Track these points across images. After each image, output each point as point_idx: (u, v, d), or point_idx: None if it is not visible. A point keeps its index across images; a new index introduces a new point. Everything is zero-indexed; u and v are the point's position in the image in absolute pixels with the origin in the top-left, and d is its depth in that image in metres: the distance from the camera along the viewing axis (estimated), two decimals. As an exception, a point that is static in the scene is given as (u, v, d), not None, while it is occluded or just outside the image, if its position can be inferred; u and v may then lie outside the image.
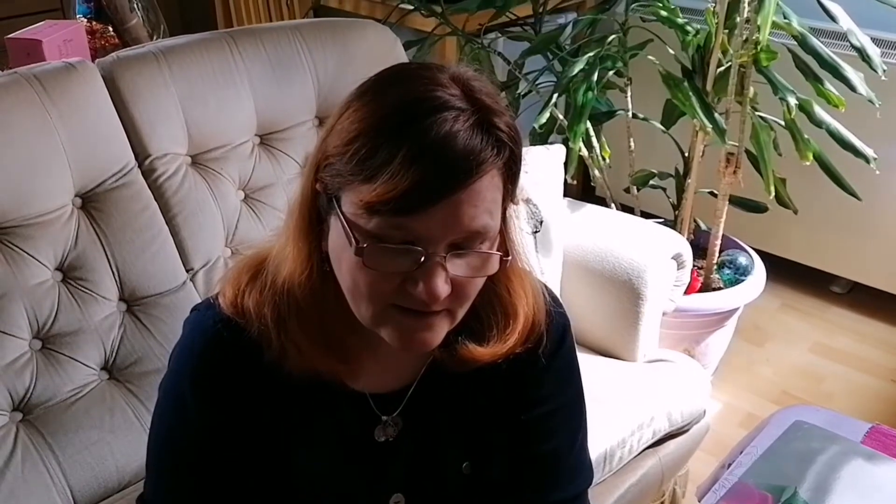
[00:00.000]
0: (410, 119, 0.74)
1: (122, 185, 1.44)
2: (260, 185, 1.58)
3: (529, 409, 0.99)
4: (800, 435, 1.42)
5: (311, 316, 0.85)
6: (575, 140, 1.85)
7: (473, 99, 0.77)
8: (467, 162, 0.74)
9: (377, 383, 0.93)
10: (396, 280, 0.78)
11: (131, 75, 1.46)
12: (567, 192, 1.90)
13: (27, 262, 1.32)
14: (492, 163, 0.76)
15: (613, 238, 1.79)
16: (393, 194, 0.73)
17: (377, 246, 0.76)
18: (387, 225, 0.75)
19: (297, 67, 1.61)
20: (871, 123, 2.02)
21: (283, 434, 0.92)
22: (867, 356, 2.54)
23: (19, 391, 1.30)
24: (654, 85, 2.04)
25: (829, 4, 1.86)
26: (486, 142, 0.75)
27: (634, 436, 1.62)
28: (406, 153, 0.73)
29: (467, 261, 0.79)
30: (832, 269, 2.75)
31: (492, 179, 0.77)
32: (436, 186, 0.74)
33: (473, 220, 0.76)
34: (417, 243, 0.76)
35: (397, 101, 0.76)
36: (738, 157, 2.03)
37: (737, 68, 1.91)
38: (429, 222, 0.75)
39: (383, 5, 2.48)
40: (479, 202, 0.76)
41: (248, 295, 0.88)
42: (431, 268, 0.76)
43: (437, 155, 0.73)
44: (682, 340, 2.15)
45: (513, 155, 0.79)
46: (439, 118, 0.74)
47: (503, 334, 0.91)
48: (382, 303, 0.80)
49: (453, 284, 0.79)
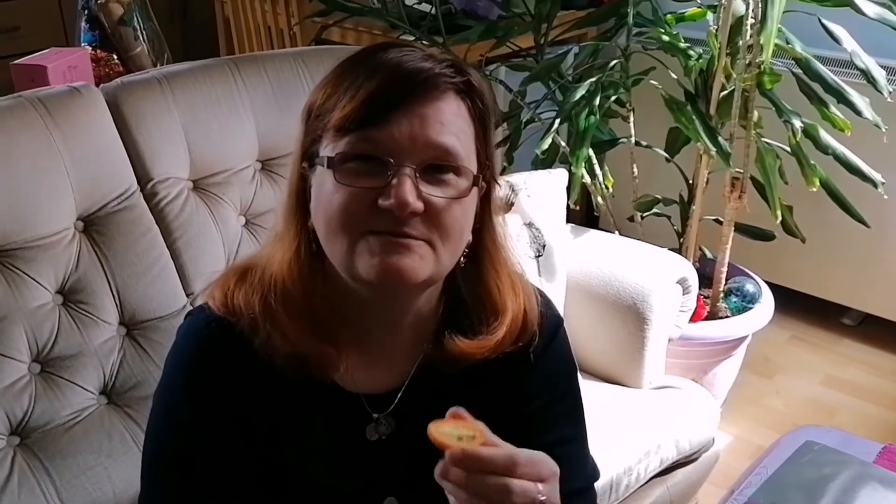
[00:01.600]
0: (371, 54, 0.85)
1: (123, 209, 1.44)
2: (261, 211, 1.58)
3: (523, 405, 0.98)
4: (810, 456, 1.39)
5: (296, 297, 0.88)
6: (577, 165, 1.85)
7: (433, 55, 0.85)
8: (422, 73, 0.82)
9: (369, 383, 0.94)
10: (369, 199, 0.81)
11: (135, 100, 1.47)
12: (571, 220, 1.90)
13: (28, 284, 1.32)
14: (446, 83, 0.83)
15: (617, 262, 1.78)
16: (355, 106, 0.80)
17: (352, 163, 0.82)
18: (356, 141, 0.81)
19: (299, 94, 1.62)
20: (877, 148, 2.02)
21: (275, 433, 0.92)
22: (880, 389, 2.50)
23: (17, 415, 1.28)
24: (656, 112, 2.05)
25: (833, 27, 1.87)
26: (442, 66, 0.84)
27: (641, 463, 1.59)
28: (365, 73, 0.82)
29: (440, 185, 0.83)
30: (842, 301, 2.72)
31: (457, 106, 0.84)
32: (394, 93, 0.81)
33: (440, 136, 0.82)
34: (388, 155, 0.81)
35: (367, 49, 0.88)
36: (742, 182, 2.02)
37: (740, 92, 1.92)
38: (394, 132, 0.80)
39: (385, 37, 2.51)
40: (442, 119, 0.82)
41: (238, 293, 0.89)
42: (400, 178, 0.80)
43: (396, 69, 0.82)
44: (689, 370, 2.12)
45: (472, 88, 0.86)
46: (400, 50, 0.84)
47: (490, 328, 0.92)
48: (356, 230, 0.82)
49: (428, 208, 0.81)
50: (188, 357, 0.92)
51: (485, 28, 2.19)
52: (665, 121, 2.05)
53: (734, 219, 2.14)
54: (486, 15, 2.50)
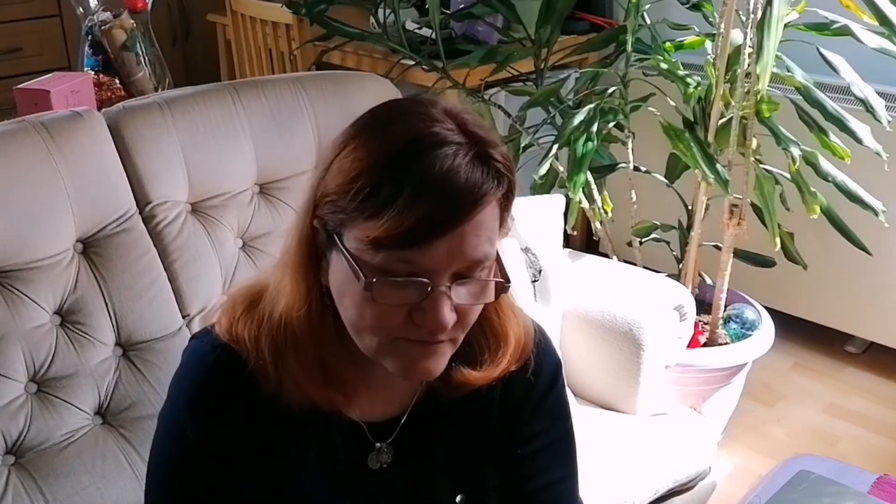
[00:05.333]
0: (412, 155, 0.77)
1: (122, 231, 1.45)
2: (258, 234, 1.59)
3: (522, 444, 1.00)
4: (805, 486, 1.38)
5: (308, 350, 0.87)
6: (575, 190, 1.86)
7: (469, 132, 0.80)
8: (471, 195, 0.77)
9: (371, 411, 0.94)
10: (403, 312, 0.80)
11: (136, 124, 1.49)
12: (570, 245, 1.91)
13: (26, 305, 1.33)
14: (493, 194, 0.79)
15: (614, 288, 1.79)
16: (400, 230, 0.75)
17: (385, 280, 0.78)
18: (393, 259, 0.77)
19: (298, 118, 1.64)
20: (877, 176, 2.02)
21: (278, 460, 0.92)
22: (884, 418, 2.48)
23: (13, 434, 1.29)
24: (656, 138, 2.06)
25: (831, 56, 1.88)
26: (487, 174, 0.78)
27: (636, 492, 1.58)
28: (411, 189, 0.76)
29: (469, 289, 0.81)
30: (846, 329, 2.70)
31: (492, 209, 0.80)
32: (441, 220, 0.76)
33: (476, 250, 0.79)
34: (423, 275, 0.78)
35: (397, 139, 0.79)
36: (742, 209, 2.02)
37: (738, 119, 1.92)
38: (434, 255, 0.77)
39: (385, 61, 2.53)
40: (481, 232, 0.79)
41: (244, 325, 0.89)
42: (438, 298, 0.79)
43: (442, 189, 0.76)
44: (687, 397, 2.11)
45: (510, 184, 0.82)
46: (440, 153, 0.77)
47: (495, 357, 0.93)
48: (389, 335, 0.82)
49: (457, 312, 0.81)
50: (193, 380, 0.92)
51: (485, 52, 2.20)
52: (665, 146, 2.06)
53: (733, 245, 2.14)
54: (486, 39, 2.52)
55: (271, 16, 2.76)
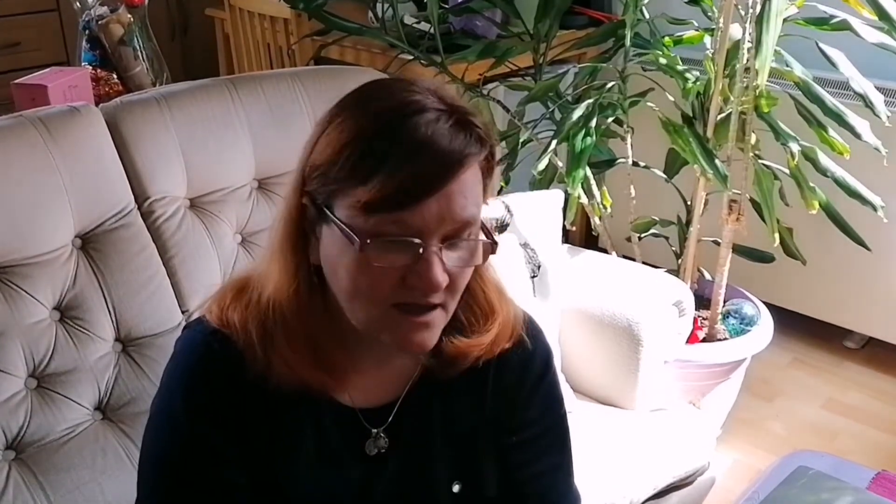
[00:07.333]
0: (397, 121, 0.81)
1: (121, 227, 1.45)
2: (257, 229, 1.59)
3: (516, 432, 1.01)
4: (803, 481, 1.38)
5: (297, 329, 0.88)
6: (573, 185, 1.86)
7: (448, 103, 0.83)
8: (457, 153, 0.81)
9: (366, 397, 0.95)
10: (396, 276, 0.82)
11: (133, 119, 1.49)
12: (568, 241, 1.91)
13: (25, 301, 1.33)
14: (475, 156, 0.83)
15: (613, 284, 1.79)
16: (391, 190, 0.78)
17: (379, 241, 0.80)
18: (385, 222, 0.80)
19: (296, 113, 1.63)
20: (876, 171, 2.02)
21: (272, 447, 0.93)
22: (883, 413, 2.48)
23: (13, 430, 1.30)
24: (655, 133, 2.06)
25: (831, 52, 1.88)
26: (469, 137, 0.82)
27: (635, 487, 1.59)
28: (399, 151, 0.79)
29: (459, 252, 0.84)
30: (844, 324, 2.70)
31: (475, 173, 0.84)
32: (430, 178, 0.80)
33: (464, 210, 0.82)
34: (415, 236, 0.81)
35: (381, 108, 0.83)
36: (740, 204, 2.02)
37: (737, 115, 1.92)
38: (425, 214, 0.80)
39: (383, 56, 2.52)
40: (467, 193, 0.82)
41: (233, 310, 0.91)
42: (430, 259, 0.81)
43: (430, 150, 0.80)
44: (686, 392, 2.11)
45: (491, 151, 0.86)
46: (424, 118, 0.80)
47: (483, 326, 0.95)
48: (383, 304, 0.84)
49: (448, 276, 0.83)
50: (186, 368, 0.93)
51: (483, 47, 2.19)
52: (664, 141, 2.06)
53: (732, 240, 2.14)
54: (484, 34, 2.51)
55: (270, 10, 2.76)
